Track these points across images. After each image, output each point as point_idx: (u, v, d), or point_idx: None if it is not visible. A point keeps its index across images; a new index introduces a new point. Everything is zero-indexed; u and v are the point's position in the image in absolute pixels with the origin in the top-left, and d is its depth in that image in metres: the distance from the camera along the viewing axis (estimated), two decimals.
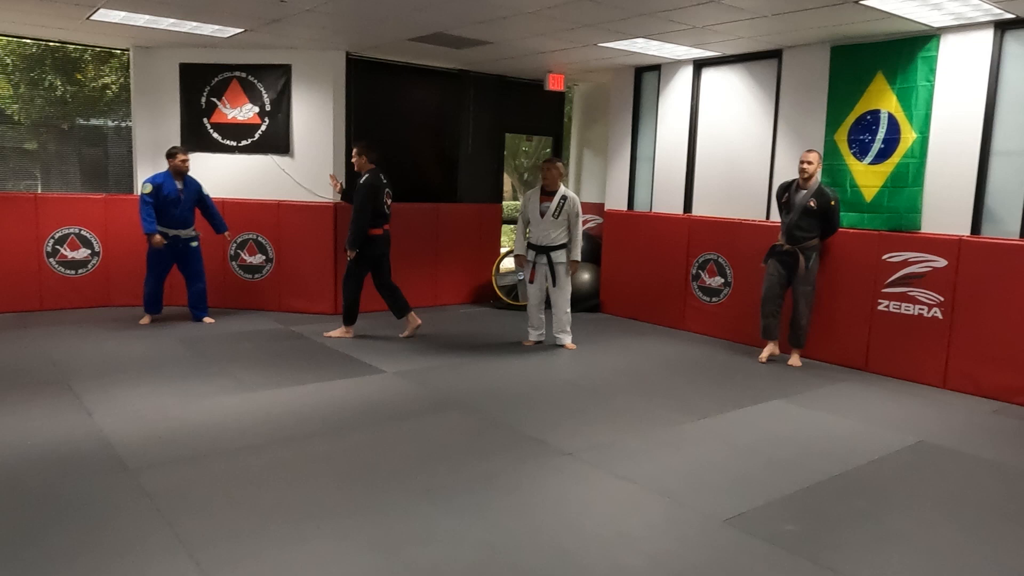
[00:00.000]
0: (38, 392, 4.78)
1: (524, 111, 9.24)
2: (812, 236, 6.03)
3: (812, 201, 5.97)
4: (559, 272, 6.42)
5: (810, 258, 6.04)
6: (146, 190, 6.68)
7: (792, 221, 6.06)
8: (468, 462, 3.88)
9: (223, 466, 3.72)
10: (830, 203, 5.96)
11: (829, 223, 6.02)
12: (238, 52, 7.55)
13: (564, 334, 6.57)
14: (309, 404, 4.77)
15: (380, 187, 6.50)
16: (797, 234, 6.05)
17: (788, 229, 6.10)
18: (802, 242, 6.04)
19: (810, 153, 6.03)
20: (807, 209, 5.98)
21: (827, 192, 6.00)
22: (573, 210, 6.38)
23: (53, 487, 3.39)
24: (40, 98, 8.57)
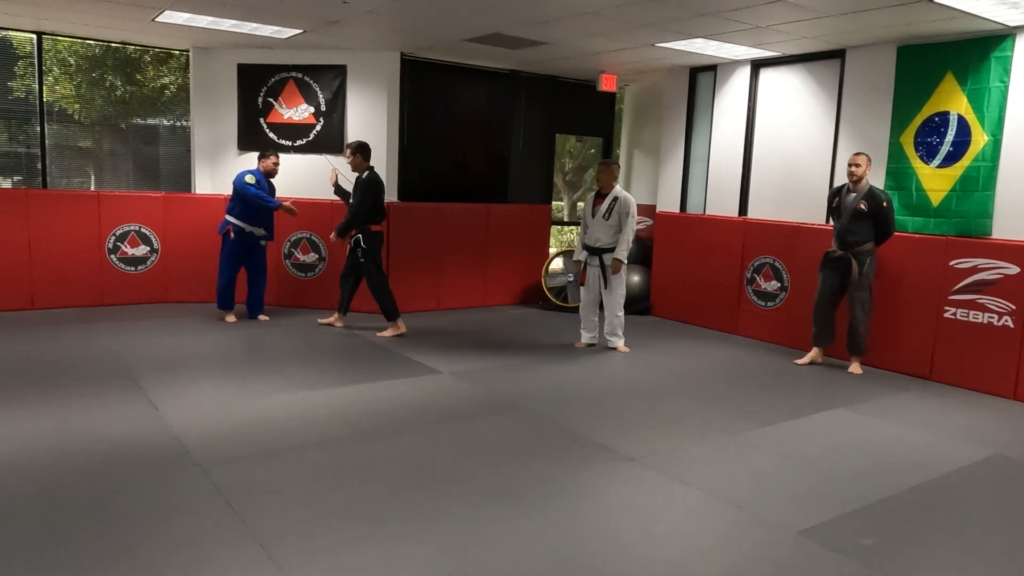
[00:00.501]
0: (105, 386, 4.89)
1: (574, 112, 9.20)
2: (865, 240, 5.85)
3: (863, 203, 5.79)
4: (610, 274, 6.36)
5: (864, 263, 5.86)
6: (251, 180, 6.82)
7: (843, 225, 5.89)
8: (531, 465, 3.86)
9: (290, 464, 3.75)
10: (882, 205, 5.77)
11: (882, 226, 5.82)
12: (294, 53, 7.64)
13: (616, 337, 6.51)
14: (369, 403, 4.79)
15: (381, 184, 6.67)
16: (849, 239, 5.88)
17: (840, 234, 5.94)
18: (855, 247, 5.86)
19: (858, 156, 5.85)
20: (858, 212, 5.81)
21: (878, 194, 5.82)
22: (624, 210, 6.29)
23: (126, 481, 3.45)
24: (100, 98, 8.76)
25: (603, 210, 6.30)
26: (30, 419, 4.20)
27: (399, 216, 7.73)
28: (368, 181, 6.61)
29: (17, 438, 3.91)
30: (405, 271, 7.84)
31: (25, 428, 4.06)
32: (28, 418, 4.21)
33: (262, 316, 7.19)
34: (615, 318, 6.47)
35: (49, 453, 3.73)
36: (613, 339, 6.51)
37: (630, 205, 6.33)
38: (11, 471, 3.51)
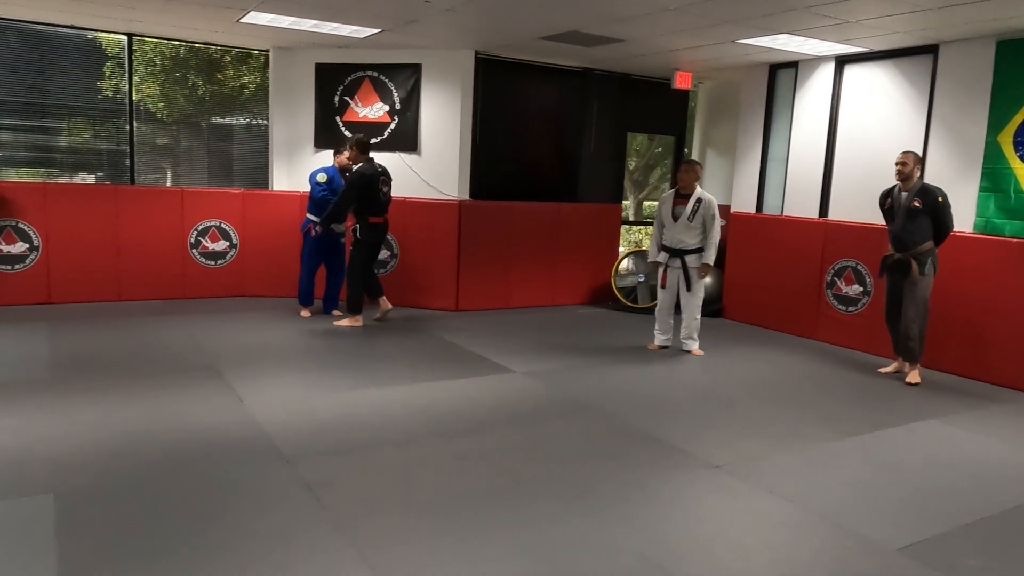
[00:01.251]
0: (191, 377, 5.03)
1: (647, 110, 9.07)
2: (923, 240, 5.53)
3: (916, 200, 5.50)
4: (692, 276, 6.23)
5: (924, 264, 5.54)
6: (322, 179, 6.94)
7: (899, 226, 5.61)
8: (614, 470, 3.80)
9: (374, 460, 3.78)
10: (937, 200, 5.45)
11: (940, 223, 5.50)
12: (371, 52, 7.73)
13: (692, 340, 6.38)
14: (446, 401, 4.81)
15: (373, 177, 6.58)
16: (906, 239, 5.58)
17: (896, 236, 5.66)
18: (913, 247, 5.55)
19: (906, 154, 5.58)
20: (912, 210, 5.51)
21: (932, 189, 5.50)
22: (709, 212, 6.15)
23: (217, 474, 3.53)
24: (182, 97, 9.03)
25: (687, 212, 6.16)
26: (123, 407, 4.35)
27: (469, 214, 7.75)
28: (356, 174, 6.57)
29: (112, 425, 4.05)
30: (474, 269, 7.86)
31: (119, 416, 4.20)
32: (121, 406, 4.36)
33: (336, 312, 7.30)
34: (693, 320, 6.34)
35: (143, 442, 3.85)
36: (688, 342, 6.39)
37: (714, 207, 6.20)
38: (108, 458, 3.63)
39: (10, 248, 7.03)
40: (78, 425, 4.03)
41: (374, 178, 6.61)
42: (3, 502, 3.11)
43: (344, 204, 6.60)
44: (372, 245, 6.83)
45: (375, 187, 6.62)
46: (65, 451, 3.68)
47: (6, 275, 7.03)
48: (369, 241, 6.77)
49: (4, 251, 7.00)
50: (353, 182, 6.55)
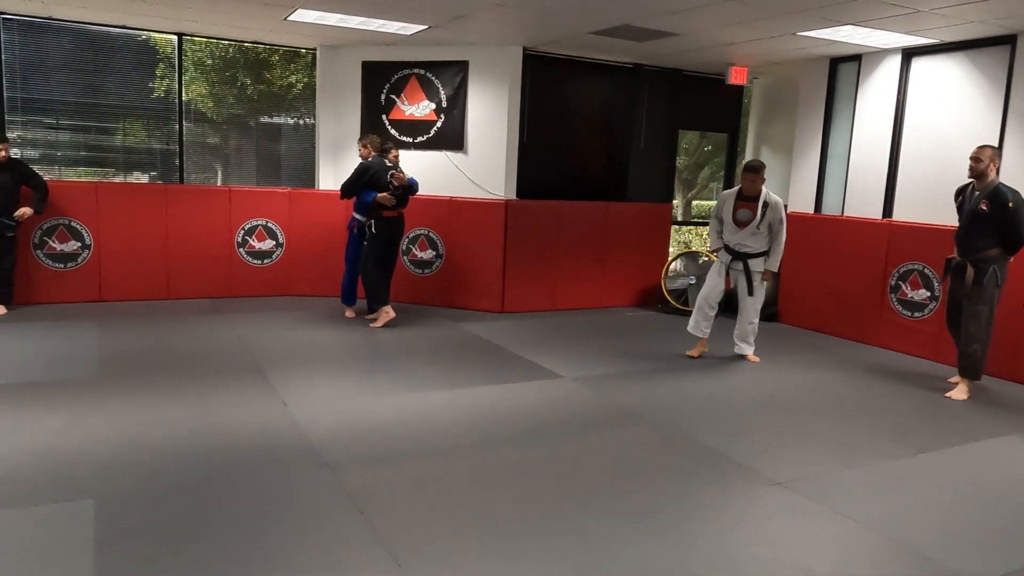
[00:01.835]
0: (236, 378, 4.97)
1: (699, 107, 8.79)
2: (987, 246, 5.06)
3: (984, 203, 5.01)
4: (755, 280, 5.92)
5: (985, 272, 5.08)
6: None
7: (963, 228, 5.19)
8: (669, 484, 3.60)
9: (418, 468, 3.65)
10: (1006, 205, 4.93)
11: (1008, 230, 4.98)
12: (417, 49, 7.64)
13: (747, 344, 6.11)
14: (492, 407, 4.66)
15: (378, 170, 6.50)
16: (967, 243, 5.16)
17: (958, 238, 5.25)
18: (973, 253, 5.12)
19: (982, 149, 5.10)
20: (977, 213, 5.05)
21: (1004, 192, 4.98)
22: (776, 216, 5.77)
23: (258, 482, 3.43)
24: (232, 96, 9.07)
25: (756, 220, 5.76)
26: (167, 409, 4.30)
27: (516, 214, 7.59)
28: (362, 165, 6.58)
29: (155, 428, 4.00)
30: (520, 270, 7.70)
31: (162, 418, 4.15)
32: (165, 408, 4.31)
33: None
34: (749, 324, 6.06)
35: (185, 446, 3.78)
36: (743, 346, 6.11)
37: (781, 210, 5.82)
38: (149, 462, 3.57)
39: (63, 246, 7.11)
40: (121, 427, 3.98)
41: (378, 172, 6.53)
42: (44, 507, 3.06)
43: (344, 192, 6.58)
44: (386, 241, 6.70)
45: (384, 181, 6.53)
46: (107, 454, 3.62)
47: (59, 273, 7.11)
48: (384, 236, 6.65)
49: (58, 249, 7.09)
50: (356, 170, 6.54)
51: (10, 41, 7.04)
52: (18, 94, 7.17)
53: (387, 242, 6.70)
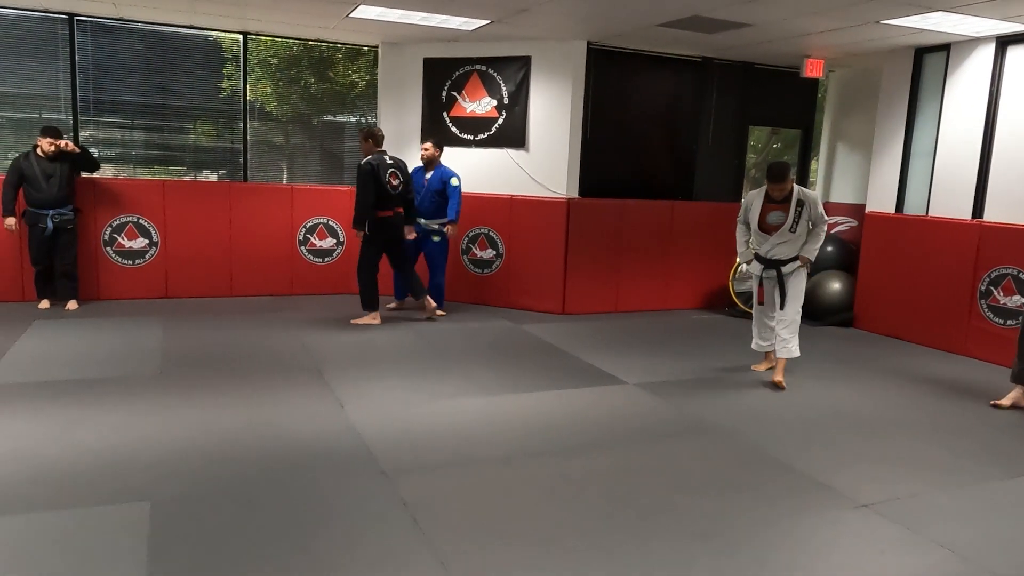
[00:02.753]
0: (293, 378, 4.93)
1: (770, 101, 8.42)
2: None
3: None
4: (790, 284, 5.23)
5: None
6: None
7: None
8: (741, 502, 3.37)
9: (477, 477, 3.51)
10: None
11: None
12: (479, 45, 7.51)
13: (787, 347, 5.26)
14: (553, 413, 4.49)
15: (381, 168, 6.32)
16: None
17: None
18: None
19: None
20: None
21: None
22: (816, 212, 5.16)
23: (314, 488, 3.34)
24: (295, 95, 9.12)
25: (789, 222, 5.11)
26: (226, 409, 4.27)
27: (578, 213, 7.39)
28: (364, 169, 6.32)
29: (213, 428, 3.97)
30: (582, 270, 7.50)
31: (221, 418, 4.12)
32: (225, 408, 4.29)
33: (439, 311, 7.12)
34: (780, 340, 5.27)
35: (242, 448, 3.73)
36: (782, 347, 5.27)
37: (819, 204, 5.20)
38: (206, 463, 3.52)
39: (132, 243, 7.24)
40: (180, 427, 3.96)
41: (380, 171, 6.36)
42: (100, 508, 3.03)
43: (365, 202, 6.34)
44: (382, 241, 6.53)
45: (381, 180, 6.36)
46: (164, 454, 3.60)
47: (127, 269, 7.25)
48: (378, 238, 6.48)
49: (126, 246, 7.22)
50: (362, 176, 6.34)
51: (83, 43, 7.20)
52: (90, 95, 7.33)
53: (383, 243, 6.54)
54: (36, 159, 6.45)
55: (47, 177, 6.46)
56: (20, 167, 6.41)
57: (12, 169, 6.43)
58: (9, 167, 6.48)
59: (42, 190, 6.44)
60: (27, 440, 3.67)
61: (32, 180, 6.42)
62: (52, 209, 6.51)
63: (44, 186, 6.44)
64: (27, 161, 6.43)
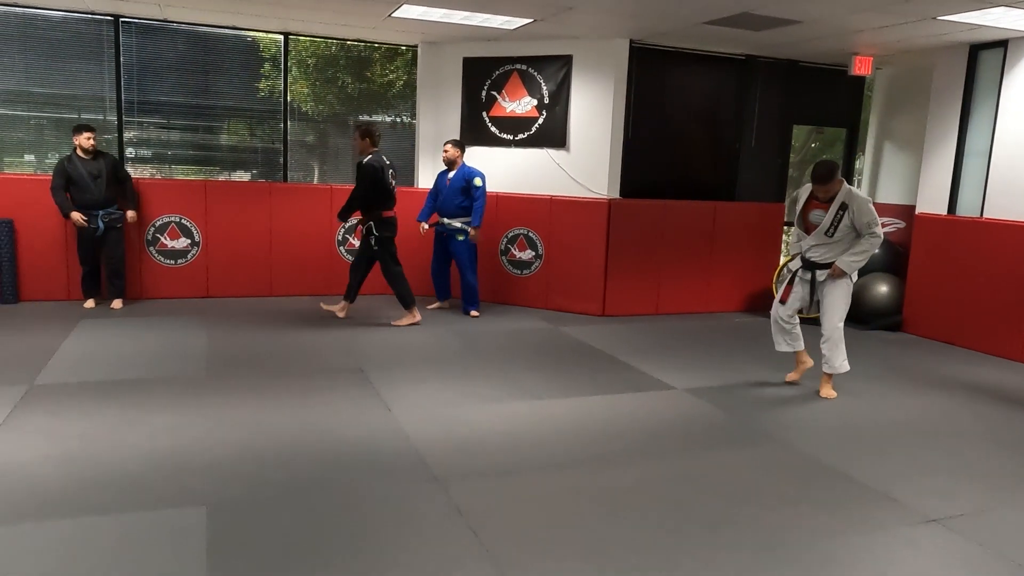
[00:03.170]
0: (339, 380, 4.91)
1: (815, 100, 8.25)
2: None
3: None
4: (825, 293, 4.84)
5: None
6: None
7: None
8: (806, 516, 3.26)
9: (530, 485, 3.44)
10: None
11: None
12: (519, 44, 7.44)
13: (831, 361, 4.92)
14: (603, 420, 4.41)
15: (384, 168, 6.34)
16: None
17: None
18: None
19: None
20: None
21: None
22: (862, 220, 4.63)
23: (368, 494, 3.30)
24: (331, 95, 9.13)
25: (825, 224, 4.69)
26: (275, 411, 4.25)
27: (619, 213, 7.29)
28: (368, 166, 6.29)
29: (264, 430, 3.95)
30: (623, 272, 7.40)
31: (270, 420, 4.11)
32: (273, 410, 4.27)
33: (473, 312, 7.09)
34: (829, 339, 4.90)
35: (294, 451, 3.71)
36: (830, 366, 4.95)
37: (869, 211, 4.63)
38: (259, 467, 3.50)
39: (174, 243, 7.29)
40: (230, 429, 3.95)
41: (384, 170, 6.37)
42: (156, 512, 3.02)
43: (362, 198, 6.35)
44: (389, 239, 6.54)
45: (386, 180, 6.38)
46: (217, 457, 3.58)
47: (170, 269, 7.30)
48: (388, 235, 6.49)
49: (168, 246, 7.27)
50: (368, 174, 6.31)
51: (128, 44, 7.26)
52: (134, 96, 7.39)
53: (392, 240, 6.56)
54: (79, 160, 6.51)
55: (94, 178, 6.52)
56: (66, 170, 6.47)
57: (58, 173, 6.48)
58: (55, 171, 6.52)
59: (90, 191, 6.50)
60: (80, 441, 3.68)
61: (79, 181, 6.48)
62: (101, 209, 6.58)
63: (92, 187, 6.50)
64: (71, 164, 6.48)
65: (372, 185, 6.29)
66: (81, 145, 6.49)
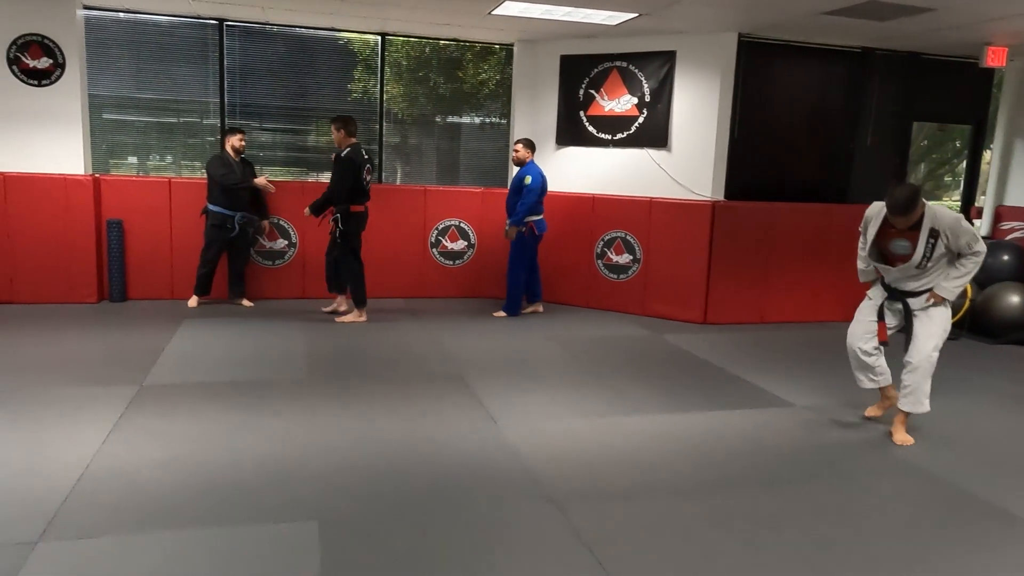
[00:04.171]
0: (440, 387, 4.77)
1: (938, 94, 7.67)
2: None
3: None
4: (920, 323, 4.10)
5: None
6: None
7: None
8: (959, 555, 2.90)
9: (655, 512, 3.19)
10: None
11: None
12: (620, 41, 7.18)
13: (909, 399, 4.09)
14: (720, 438, 4.11)
15: (361, 163, 6.22)
16: None
17: None
18: None
19: None
20: None
21: None
22: (960, 242, 3.88)
23: (483, 512, 3.13)
24: (423, 96, 9.09)
25: (917, 256, 3.93)
26: (381, 419, 4.14)
27: (723, 216, 6.92)
28: (347, 158, 6.18)
29: (372, 440, 3.84)
30: (727, 278, 7.02)
31: (377, 429, 3.99)
32: (379, 418, 4.16)
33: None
34: (904, 387, 4.12)
35: (403, 463, 3.58)
36: (905, 400, 4.11)
37: (965, 231, 3.88)
38: (370, 480, 3.38)
39: (272, 244, 7.35)
40: (337, 436, 3.86)
41: (361, 165, 6.23)
42: (268, 526, 2.92)
43: (342, 190, 6.20)
44: (356, 234, 6.42)
45: (360, 174, 6.24)
46: (325, 466, 3.48)
47: (269, 270, 7.36)
48: (355, 230, 6.37)
49: (267, 247, 7.33)
50: (346, 165, 6.17)
51: (231, 48, 7.37)
52: (237, 99, 7.49)
53: (359, 235, 6.45)
54: (232, 161, 6.64)
55: (242, 180, 6.66)
56: (229, 161, 6.60)
57: (221, 162, 6.56)
58: (216, 162, 6.58)
59: (235, 192, 6.62)
60: (191, 446, 3.65)
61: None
62: (240, 211, 6.70)
63: (246, 186, 6.63)
64: (229, 162, 6.61)
65: (345, 175, 6.21)
66: (233, 146, 6.66)
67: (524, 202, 6.70)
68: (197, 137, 7.72)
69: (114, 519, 2.91)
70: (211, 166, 6.62)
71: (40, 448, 3.55)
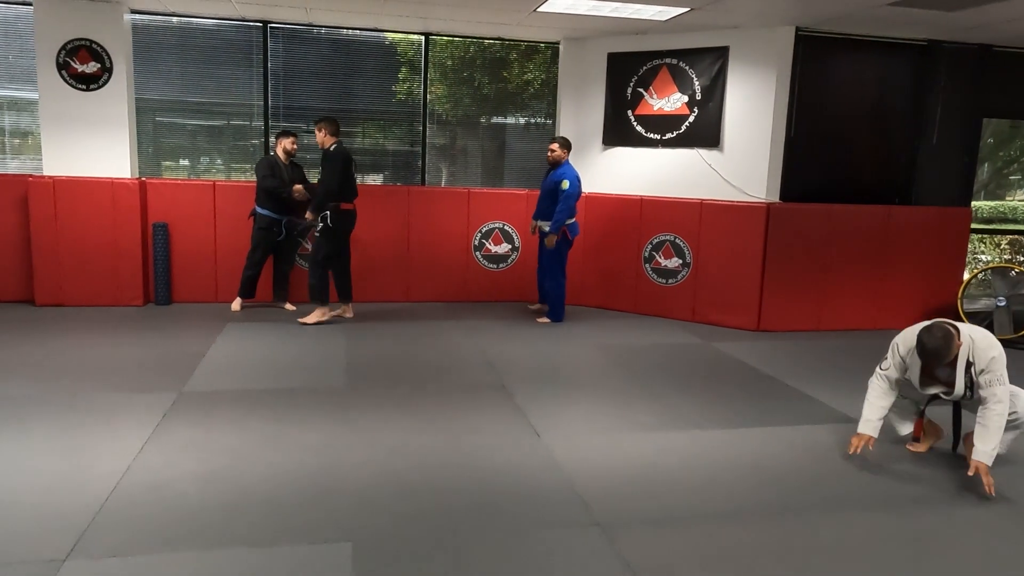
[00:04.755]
0: (482, 398, 4.61)
1: (1011, 90, 7.23)
2: None
3: None
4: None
5: None
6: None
7: None
8: None
9: (710, 539, 2.97)
10: None
11: None
12: (669, 37, 6.93)
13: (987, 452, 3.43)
14: (780, 458, 3.87)
15: (349, 158, 6.21)
16: None
17: None
18: None
19: None
20: None
21: None
22: (983, 377, 3.45)
23: (522, 535, 2.95)
24: (467, 97, 8.95)
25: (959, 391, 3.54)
26: (419, 432, 4.00)
27: (778, 219, 6.62)
28: (336, 152, 6.08)
29: (409, 453, 3.70)
30: (782, 283, 6.72)
31: (415, 442, 3.85)
32: (417, 430, 4.02)
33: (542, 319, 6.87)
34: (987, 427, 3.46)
35: (441, 479, 3.42)
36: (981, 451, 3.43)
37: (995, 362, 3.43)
38: (406, 496, 3.23)
39: None
40: (373, 452, 3.72)
41: (350, 159, 6.12)
42: (301, 547, 2.79)
43: (335, 185, 6.05)
44: (343, 233, 6.28)
45: (350, 170, 6.13)
46: (362, 482, 3.35)
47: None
48: (341, 229, 6.23)
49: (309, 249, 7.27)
50: (336, 158, 6.03)
51: (275, 50, 7.34)
52: (280, 101, 7.46)
53: (344, 235, 6.32)
54: (280, 164, 6.61)
55: (291, 183, 6.62)
56: (278, 165, 6.58)
57: (269, 165, 6.54)
58: (265, 164, 6.55)
59: (285, 196, 6.60)
60: (225, 459, 3.55)
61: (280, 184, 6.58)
62: (287, 216, 6.68)
63: (285, 192, 6.59)
64: (277, 166, 6.58)
65: (335, 173, 6.07)
66: (285, 149, 6.64)
67: (562, 208, 6.49)
68: (244, 140, 7.71)
69: (144, 536, 2.81)
70: (258, 169, 6.60)
71: (76, 457, 3.50)
